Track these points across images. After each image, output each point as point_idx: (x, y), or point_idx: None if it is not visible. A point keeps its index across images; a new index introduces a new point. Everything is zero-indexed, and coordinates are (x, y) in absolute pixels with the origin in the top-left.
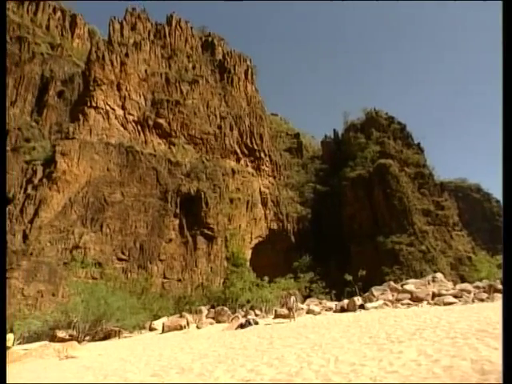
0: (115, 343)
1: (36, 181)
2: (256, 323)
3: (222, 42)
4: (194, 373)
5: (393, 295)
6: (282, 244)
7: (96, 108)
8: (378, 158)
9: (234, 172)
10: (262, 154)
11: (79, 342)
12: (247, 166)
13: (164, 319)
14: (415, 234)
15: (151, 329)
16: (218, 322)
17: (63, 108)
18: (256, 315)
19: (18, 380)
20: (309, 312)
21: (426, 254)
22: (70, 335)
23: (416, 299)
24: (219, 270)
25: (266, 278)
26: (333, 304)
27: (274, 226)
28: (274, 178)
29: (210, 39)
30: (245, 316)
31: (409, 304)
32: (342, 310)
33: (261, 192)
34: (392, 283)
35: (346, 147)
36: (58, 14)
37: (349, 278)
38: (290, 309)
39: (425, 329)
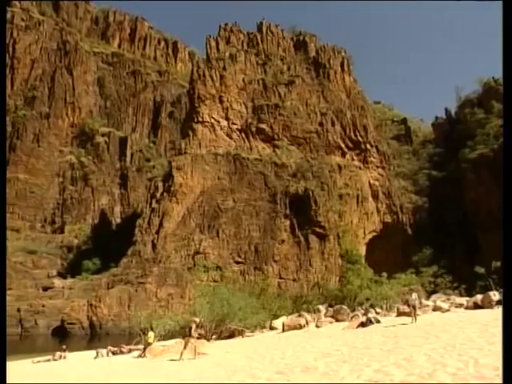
0: (239, 342)
1: (158, 195)
2: (378, 321)
3: (313, 39)
4: (318, 372)
5: None
6: (397, 237)
7: (202, 122)
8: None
9: (340, 167)
10: (368, 146)
11: (208, 340)
12: (353, 159)
13: (283, 318)
14: None
15: (271, 328)
16: (337, 320)
17: (174, 127)
18: (377, 313)
19: (163, 371)
20: (435, 309)
21: None
22: (199, 334)
23: None
24: (334, 268)
25: (385, 274)
26: (463, 300)
27: (388, 219)
28: (383, 168)
29: (301, 38)
30: (365, 314)
31: None
32: (476, 306)
33: (370, 185)
34: None
35: (461, 126)
36: (162, 43)
37: (480, 270)
38: (412, 307)
39: None
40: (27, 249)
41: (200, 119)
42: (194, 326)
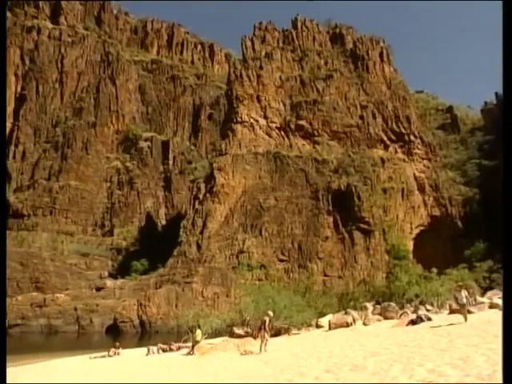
0: (286, 340)
1: (201, 196)
2: (429, 319)
3: (350, 31)
4: (367, 371)
5: None
6: (447, 231)
7: (241, 122)
8: None
9: (383, 161)
10: (412, 137)
11: (254, 338)
12: (397, 152)
13: (329, 316)
14: None
15: (318, 326)
16: (386, 318)
17: (214, 128)
18: (427, 310)
19: (211, 369)
20: (492, 306)
21: None
22: (245, 332)
23: None
24: (380, 265)
25: (435, 270)
26: None
27: (436, 212)
28: (429, 160)
29: (337, 31)
30: (415, 312)
31: None
32: None
33: (416, 177)
34: None
35: None
36: (199, 47)
37: None
38: (461, 306)
39: None
40: (80, 251)
41: (239, 119)
42: (267, 320)
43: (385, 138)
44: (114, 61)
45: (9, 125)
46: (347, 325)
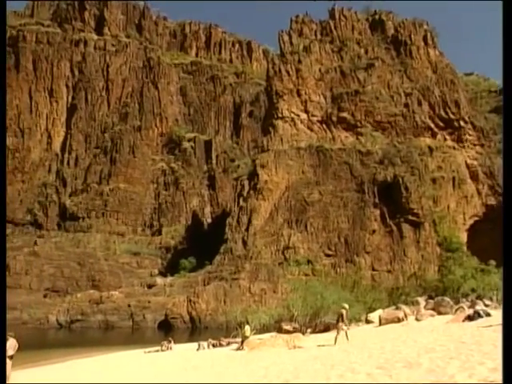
0: (335, 335)
1: (245, 193)
2: (487, 315)
3: (390, 16)
4: (422, 368)
5: None
6: None
7: (282, 118)
8: None
9: (431, 149)
10: (462, 123)
11: (303, 333)
12: (446, 139)
13: (379, 312)
14: None
15: (367, 321)
16: (439, 313)
17: (255, 125)
18: (485, 306)
19: (261, 363)
20: None
21: None
22: (293, 327)
23: None
24: (432, 258)
25: (493, 262)
26: None
27: (492, 201)
28: (482, 146)
29: (377, 17)
30: (471, 307)
31: None
32: None
33: (468, 165)
34: None
35: None
36: (237, 46)
37: None
38: None
39: None
40: (131, 251)
41: (280, 115)
42: (344, 312)
43: (432, 126)
44: (155, 65)
45: (62, 133)
46: (398, 320)
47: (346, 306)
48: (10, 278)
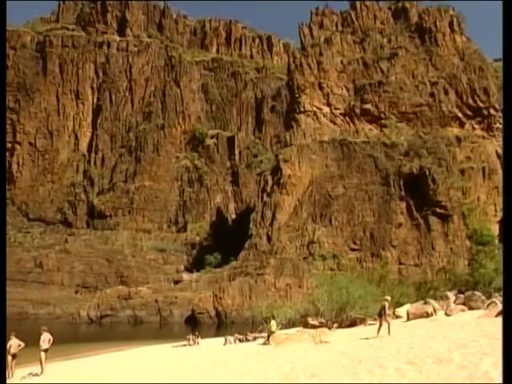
0: (362, 330)
1: (268, 189)
2: None
3: (414, 3)
4: (454, 364)
5: None
6: None
7: (304, 112)
8: None
9: (459, 139)
10: (492, 111)
11: (329, 328)
12: (474, 129)
13: (407, 306)
14: None
15: (395, 316)
16: (470, 308)
17: (277, 120)
18: None
19: (288, 358)
20: None
21: None
22: (320, 322)
23: None
24: (461, 251)
25: None
26: None
27: None
28: None
29: (399, 5)
30: None
31: None
32: None
33: (498, 155)
34: None
35: None
36: (257, 41)
37: None
38: None
39: None
40: (158, 247)
41: (302, 109)
42: (386, 304)
43: (460, 115)
44: (176, 64)
45: (88, 134)
46: (427, 315)
47: (389, 298)
48: (43, 275)
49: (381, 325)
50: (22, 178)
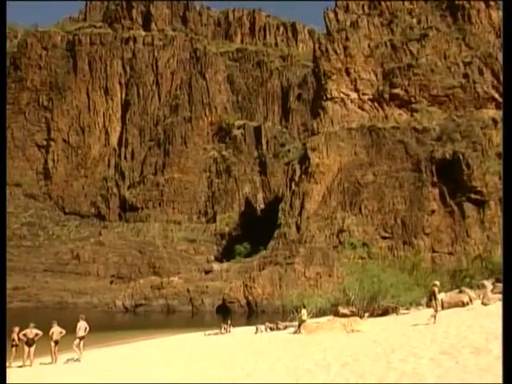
0: (394, 319)
1: (297, 178)
2: None
3: None
4: (492, 355)
5: None
6: None
7: (331, 99)
8: None
9: (495, 122)
10: None
11: (360, 317)
12: None
13: (441, 295)
14: None
15: (429, 305)
16: None
17: (304, 108)
18: None
19: (320, 346)
20: None
21: None
22: (351, 311)
23: None
24: (498, 238)
25: None
26: None
27: None
28: None
29: None
30: None
31: None
32: None
33: None
34: None
35: None
36: (281, 28)
37: None
38: None
39: None
40: (188, 238)
41: (329, 96)
42: (436, 290)
43: (496, 96)
44: (201, 56)
45: (118, 129)
46: (463, 304)
47: (438, 282)
48: (80, 266)
49: (436, 310)
50: (57, 174)
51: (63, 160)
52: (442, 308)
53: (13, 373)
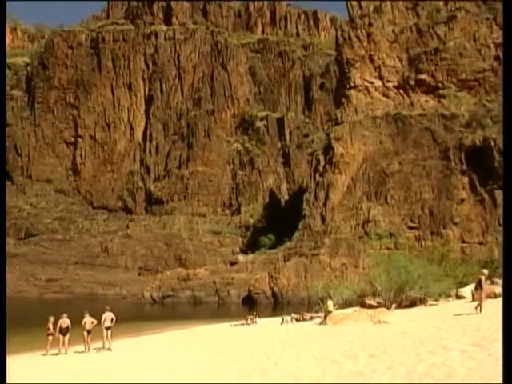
0: (422, 311)
1: (321, 168)
2: None
3: None
4: None
5: None
6: None
7: (355, 87)
8: None
9: None
10: None
11: (387, 308)
12: None
13: (471, 286)
14: None
15: (458, 297)
16: None
17: (327, 98)
18: None
19: (347, 337)
20: None
21: None
22: (377, 302)
23: None
24: None
25: None
26: None
27: None
28: None
29: None
30: None
31: None
32: None
33: None
34: None
35: None
36: (302, 17)
37: None
38: None
39: None
40: (213, 230)
41: (352, 84)
42: (483, 278)
43: None
44: (223, 48)
45: (142, 124)
46: (495, 296)
47: (486, 271)
48: (109, 259)
49: (481, 300)
50: (85, 169)
51: (90, 156)
52: (473, 300)
53: (51, 360)
